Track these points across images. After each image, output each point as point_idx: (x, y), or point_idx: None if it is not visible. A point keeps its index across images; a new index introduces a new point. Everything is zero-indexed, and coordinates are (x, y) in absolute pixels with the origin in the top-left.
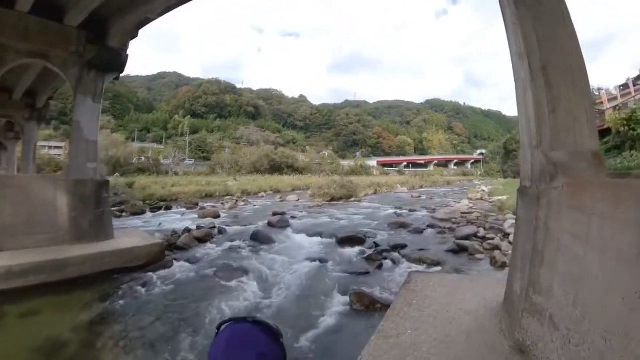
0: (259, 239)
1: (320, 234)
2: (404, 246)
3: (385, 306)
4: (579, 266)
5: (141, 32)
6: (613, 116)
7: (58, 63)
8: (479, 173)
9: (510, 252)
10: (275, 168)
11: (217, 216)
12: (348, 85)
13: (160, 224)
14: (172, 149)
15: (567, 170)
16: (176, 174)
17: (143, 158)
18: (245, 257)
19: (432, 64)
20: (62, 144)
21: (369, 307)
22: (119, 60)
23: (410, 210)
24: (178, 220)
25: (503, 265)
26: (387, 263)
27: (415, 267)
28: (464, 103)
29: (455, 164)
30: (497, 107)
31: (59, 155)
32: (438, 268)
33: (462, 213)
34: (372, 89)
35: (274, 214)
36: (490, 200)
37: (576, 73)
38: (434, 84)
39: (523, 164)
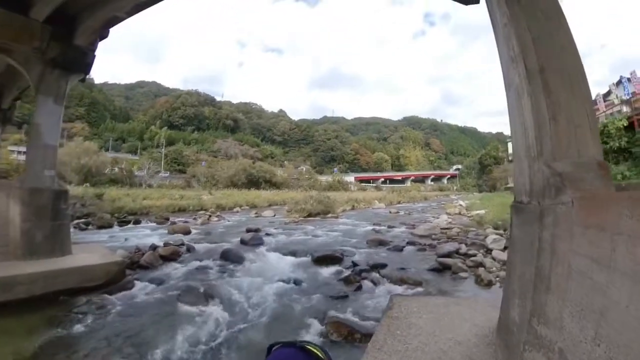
0: (229, 258)
1: (295, 253)
2: (383, 265)
3: (366, 335)
4: (601, 296)
5: (123, 39)
6: None
7: (20, 59)
8: (455, 188)
9: (494, 269)
10: (253, 182)
11: (187, 232)
12: (327, 101)
13: (126, 239)
14: (147, 160)
15: (576, 182)
16: (150, 186)
17: (116, 168)
18: (213, 278)
19: (410, 82)
20: None
21: (347, 337)
22: (85, 60)
23: (389, 227)
24: (146, 235)
25: (489, 284)
26: (367, 284)
27: (397, 288)
28: (441, 120)
29: (432, 180)
30: (472, 123)
31: None
32: (421, 289)
33: (441, 229)
34: (350, 106)
35: (248, 231)
36: (469, 215)
37: (575, 76)
38: (411, 101)
39: (519, 177)
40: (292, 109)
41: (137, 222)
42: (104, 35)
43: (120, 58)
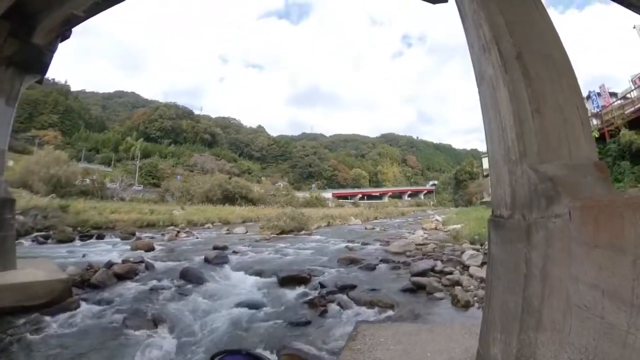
0: (188, 278)
1: (260, 273)
2: (353, 286)
3: None
4: (619, 344)
5: (103, 48)
6: None
7: None
8: (431, 203)
9: (472, 287)
10: (229, 198)
11: (150, 249)
12: (306, 118)
13: (84, 254)
14: (120, 172)
15: (572, 188)
16: (122, 199)
17: (88, 180)
18: (167, 300)
19: (387, 100)
20: None
21: None
22: (42, 60)
23: (363, 244)
24: (107, 251)
25: (466, 305)
26: (333, 308)
27: (366, 312)
28: (417, 137)
29: (409, 195)
30: (447, 140)
31: None
32: (392, 313)
33: (417, 245)
34: (329, 123)
35: (214, 248)
36: (445, 230)
37: (559, 63)
38: (388, 118)
39: (496, 187)
40: (271, 124)
41: (100, 236)
42: (65, 35)
43: (100, 67)
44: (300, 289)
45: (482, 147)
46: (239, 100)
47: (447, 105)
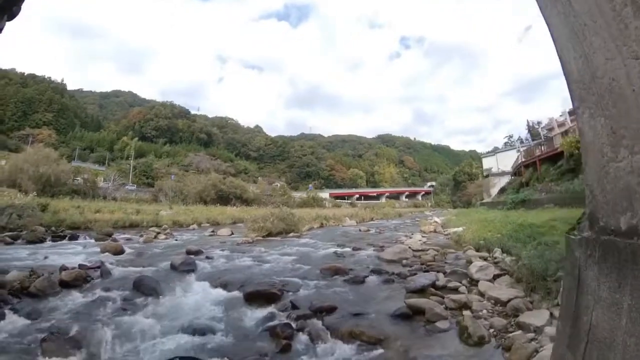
0: (141, 289)
1: (227, 284)
2: (332, 309)
3: None
4: None
5: (103, 48)
6: (566, 139)
7: None
8: (429, 204)
9: (484, 312)
10: (223, 198)
11: (119, 252)
12: (305, 119)
13: (46, 257)
14: (113, 171)
15: None
16: (114, 199)
17: (79, 179)
18: (106, 316)
19: (384, 101)
20: None
21: None
22: None
23: (354, 249)
24: (73, 253)
25: (480, 342)
26: (301, 340)
27: (342, 349)
28: (414, 138)
29: (407, 196)
30: (445, 142)
31: None
32: (378, 351)
33: (414, 251)
34: (327, 123)
35: (187, 252)
36: (445, 233)
37: None
38: (385, 119)
39: (612, 154)
40: (270, 125)
41: (73, 237)
42: (13, 12)
43: (99, 66)
44: (268, 309)
45: (481, 149)
46: (237, 100)
47: (445, 106)
